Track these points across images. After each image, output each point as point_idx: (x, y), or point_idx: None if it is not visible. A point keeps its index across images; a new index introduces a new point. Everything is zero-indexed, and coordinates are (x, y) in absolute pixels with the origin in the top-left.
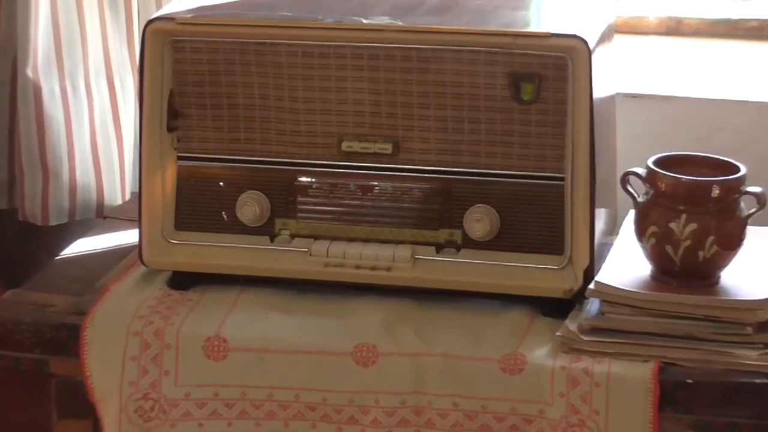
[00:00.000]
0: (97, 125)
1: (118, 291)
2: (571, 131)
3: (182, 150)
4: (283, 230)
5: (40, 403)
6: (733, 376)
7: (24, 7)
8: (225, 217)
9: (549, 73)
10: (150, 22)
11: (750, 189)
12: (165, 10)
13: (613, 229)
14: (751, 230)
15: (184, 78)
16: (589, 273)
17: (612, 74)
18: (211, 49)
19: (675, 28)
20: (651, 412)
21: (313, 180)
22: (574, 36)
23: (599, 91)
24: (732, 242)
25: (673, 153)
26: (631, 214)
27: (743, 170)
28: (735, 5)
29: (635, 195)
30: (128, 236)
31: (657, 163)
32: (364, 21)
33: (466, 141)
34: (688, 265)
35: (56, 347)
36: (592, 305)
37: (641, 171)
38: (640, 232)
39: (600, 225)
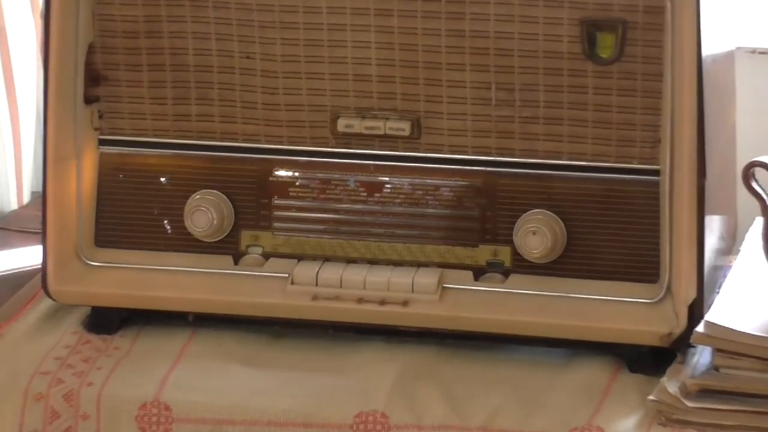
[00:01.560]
0: None
1: (11, 335)
2: (669, 103)
3: (106, 131)
4: (253, 247)
5: None
6: None
7: None
8: (168, 228)
9: (638, 19)
10: None
11: None
12: None
13: (731, 245)
14: None
15: (109, 26)
16: (697, 309)
17: (729, 21)
18: None
19: None
20: None
21: (297, 174)
22: None
23: (711, 45)
24: None
25: None
26: (758, 223)
27: None
28: None
29: (764, 195)
30: (27, 256)
31: None
32: None
33: (519, 118)
34: None
35: None
36: (702, 357)
37: None
38: None
39: (712, 240)
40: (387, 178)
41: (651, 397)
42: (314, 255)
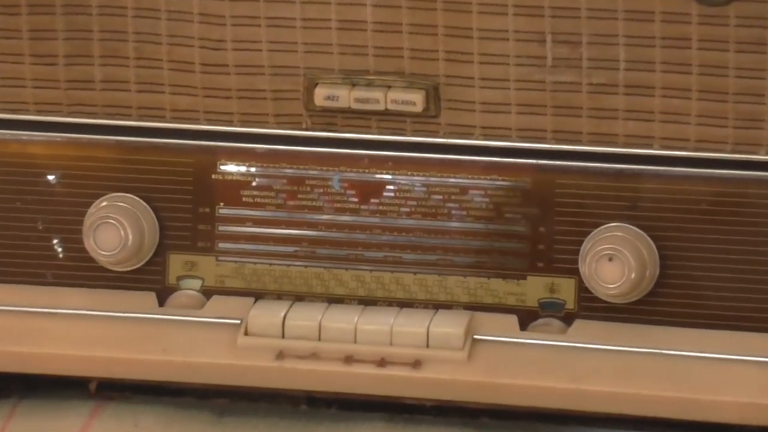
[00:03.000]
0: None
1: None
2: None
3: None
4: (187, 279)
5: None
6: None
7: None
8: (59, 251)
9: None
10: None
11: None
12: None
13: None
14: None
15: None
16: None
17: None
18: None
19: None
20: None
21: (253, 170)
22: None
23: None
24: None
25: None
26: None
27: None
28: None
29: None
30: None
31: None
32: None
33: (587, 86)
34: None
35: None
36: None
37: None
38: None
39: None
40: (389, 177)
41: None
42: (279, 291)
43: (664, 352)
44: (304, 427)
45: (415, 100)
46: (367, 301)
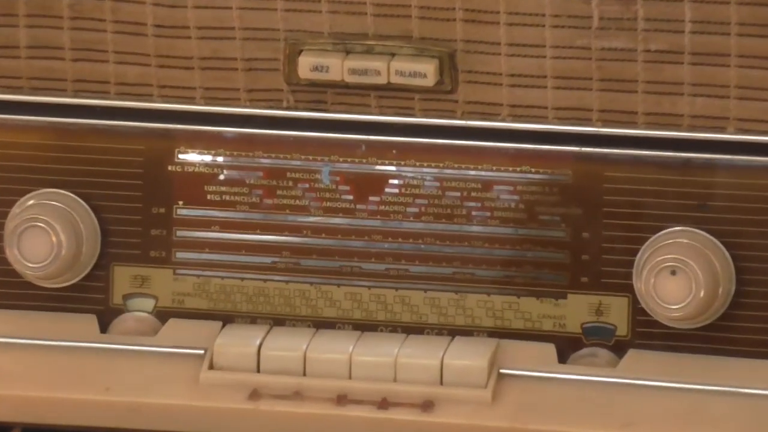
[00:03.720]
0: None
1: None
2: None
3: None
4: (137, 298)
5: None
6: None
7: None
8: None
9: None
10: None
11: None
12: None
13: None
14: None
15: None
16: None
17: None
18: None
19: None
20: None
21: (221, 160)
22: None
23: None
24: None
25: None
26: None
27: None
28: None
29: None
30: None
31: None
32: None
33: (643, 53)
34: None
35: None
36: None
37: None
38: None
39: None
40: (393, 168)
41: None
42: (253, 313)
43: (739, 390)
44: None
45: (426, 71)
46: (365, 326)
